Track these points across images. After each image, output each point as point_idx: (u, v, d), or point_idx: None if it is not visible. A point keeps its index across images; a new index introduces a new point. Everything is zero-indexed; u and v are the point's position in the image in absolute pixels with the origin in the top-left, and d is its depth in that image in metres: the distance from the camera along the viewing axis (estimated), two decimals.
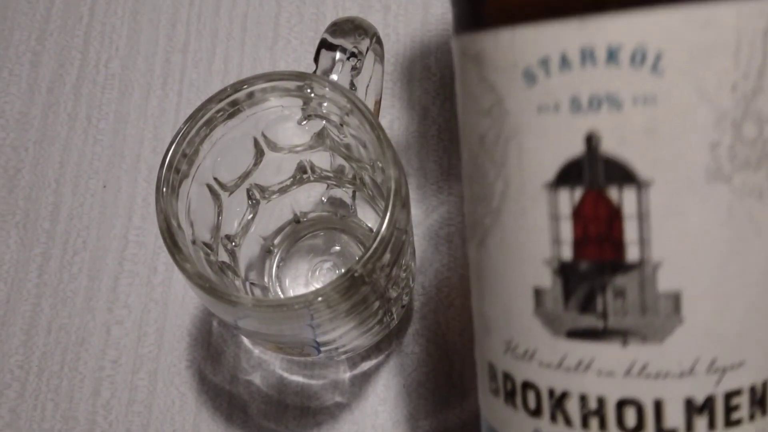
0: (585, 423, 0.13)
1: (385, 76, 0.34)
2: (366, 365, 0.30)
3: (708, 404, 0.13)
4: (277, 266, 0.30)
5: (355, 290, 0.20)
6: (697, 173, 0.12)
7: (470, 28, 0.13)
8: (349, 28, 0.23)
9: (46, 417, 0.30)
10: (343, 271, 0.19)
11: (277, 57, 0.35)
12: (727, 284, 0.12)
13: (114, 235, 0.32)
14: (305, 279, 0.30)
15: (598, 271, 0.12)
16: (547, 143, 0.12)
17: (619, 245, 0.12)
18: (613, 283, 0.12)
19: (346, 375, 0.30)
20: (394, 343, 0.30)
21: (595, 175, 0.12)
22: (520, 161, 0.13)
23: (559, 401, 0.13)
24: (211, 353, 0.30)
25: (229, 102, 0.21)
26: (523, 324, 0.14)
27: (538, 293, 0.13)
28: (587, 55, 0.11)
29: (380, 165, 0.21)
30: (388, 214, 0.20)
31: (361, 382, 0.30)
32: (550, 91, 0.12)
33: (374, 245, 0.19)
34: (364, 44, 0.23)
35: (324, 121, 0.23)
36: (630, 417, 0.13)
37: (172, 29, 0.35)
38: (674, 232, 0.12)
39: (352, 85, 0.23)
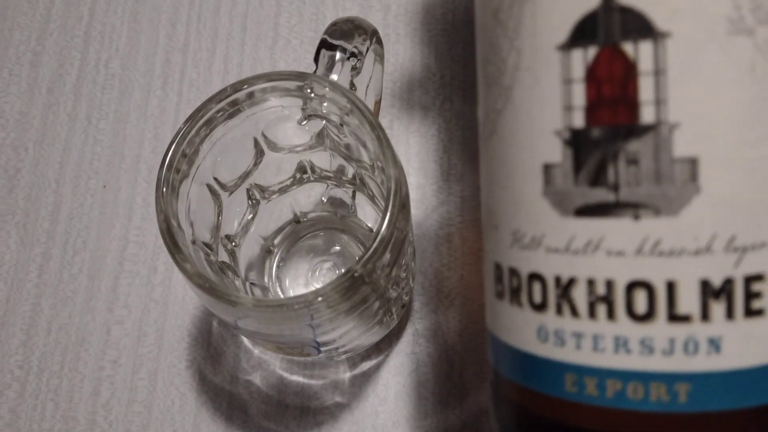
0: (592, 312, 0.12)
1: (385, 76, 0.34)
2: (366, 365, 0.30)
3: (726, 288, 0.11)
4: (277, 266, 0.30)
5: (355, 290, 0.20)
6: (718, 24, 0.11)
7: None
8: (349, 28, 0.23)
9: (46, 417, 0.30)
10: (343, 271, 0.19)
11: (277, 57, 0.35)
12: (750, 151, 0.11)
13: (114, 235, 0.32)
14: (305, 279, 0.30)
15: (611, 136, 0.11)
16: (561, 2, 0.11)
17: (633, 106, 0.11)
18: (627, 149, 0.11)
19: (346, 375, 0.30)
20: (394, 343, 0.30)
21: (610, 30, 0.11)
22: (533, 25, 0.12)
23: (565, 289, 0.12)
24: (211, 353, 0.30)
25: (229, 102, 0.21)
26: (530, 208, 0.13)
27: (548, 170, 0.12)
28: None
29: (380, 165, 0.21)
30: (388, 214, 0.20)
31: (361, 382, 0.30)
32: None
33: (374, 245, 0.19)
34: (364, 44, 0.23)
35: (324, 121, 0.23)
36: (640, 302, 0.12)
37: (172, 29, 0.35)
38: (693, 90, 0.11)
39: (352, 85, 0.23)
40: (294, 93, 0.22)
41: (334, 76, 0.23)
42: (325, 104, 0.22)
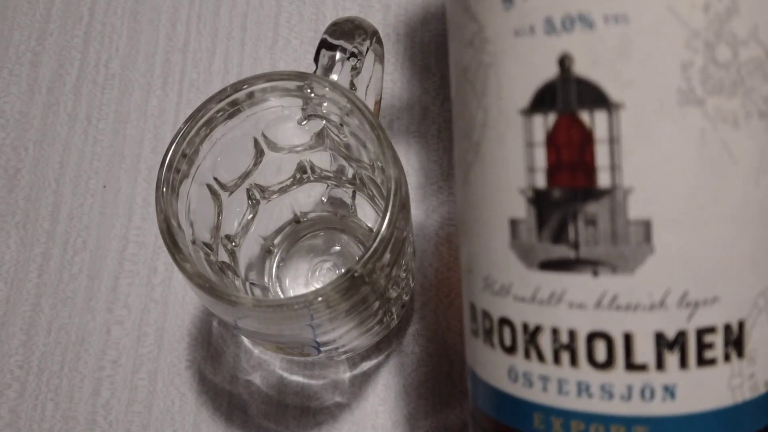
0: (557, 358, 0.13)
1: (385, 76, 0.34)
2: (366, 365, 0.30)
3: (679, 340, 0.12)
4: (277, 266, 0.30)
5: (355, 290, 0.20)
6: (668, 95, 0.11)
7: None
8: (349, 28, 0.23)
9: (46, 417, 0.30)
10: (343, 271, 0.19)
11: (277, 57, 0.35)
12: (699, 214, 0.12)
13: (114, 235, 0.32)
14: (305, 279, 0.30)
15: (570, 198, 0.12)
16: (523, 67, 0.12)
17: (590, 171, 0.12)
18: (585, 210, 0.12)
19: (346, 375, 0.30)
20: (394, 343, 0.30)
21: (567, 99, 0.12)
22: (498, 88, 0.13)
23: (532, 336, 0.13)
24: (211, 353, 0.30)
25: (229, 102, 0.21)
26: (499, 258, 0.14)
27: (514, 224, 0.13)
28: None
29: (380, 165, 0.21)
30: (388, 214, 0.20)
31: (361, 382, 0.30)
32: (525, 14, 0.12)
33: (374, 245, 0.19)
34: (364, 44, 0.23)
35: (324, 121, 0.23)
36: (600, 351, 0.12)
37: (172, 29, 0.35)
38: (645, 156, 0.12)
39: (352, 85, 0.23)
40: (294, 93, 0.22)
41: (334, 76, 0.23)
42: (325, 104, 0.22)
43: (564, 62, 0.12)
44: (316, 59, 0.23)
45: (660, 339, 0.12)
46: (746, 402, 0.12)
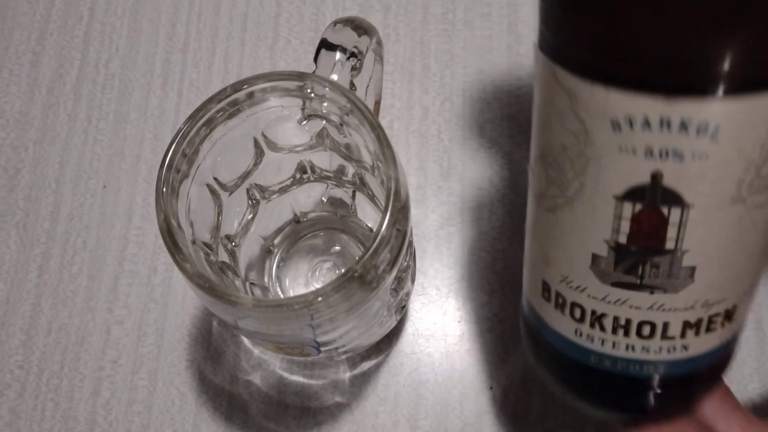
0: (614, 331, 0.19)
1: (385, 76, 0.34)
2: (366, 365, 0.30)
3: (697, 323, 0.19)
4: (277, 266, 0.30)
5: (355, 290, 0.20)
6: (724, 199, 0.16)
7: (566, 68, 0.16)
8: (348, 28, 0.23)
9: (46, 417, 0.30)
10: (343, 271, 0.19)
11: (277, 57, 0.35)
12: (726, 261, 0.18)
13: (114, 235, 0.32)
14: (305, 279, 0.30)
15: (643, 252, 0.17)
16: (622, 172, 0.16)
17: (662, 239, 0.17)
18: (652, 260, 0.17)
19: (346, 375, 0.30)
20: (394, 343, 0.30)
21: (654, 198, 0.16)
22: (597, 176, 0.17)
23: (598, 318, 0.19)
24: (211, 353, 0.30)
25: (229, 102, 0.21)
26: (579, 272, 0.19)
27: (595, 257, 0.18)
28: (664, 122, 0.15)
29: (380, 165, 0.21)
30: (388, 214, 0.20)
31: (361, 382, 0.30)
32: (630, 139, 0.16)
33: (374, 245, 0.19)
34: (364, 44, 0.23)
35: (324, 121, 0.23)
36: (646, 330, 0.19)
37: (172, 29, 0.35)
38: (700, 233, 0.17)
39: (352, 85, 0.23)
40: (294, 93, 0.22)
41: (334, 76, 0.23)
42: (325, 104, 0.22)
43: (656, 177, 0.16)
44: (316, 59, 0.23)
45: (686, 323, 0.18)
46: (724, 343, 0.19)
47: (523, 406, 0.29)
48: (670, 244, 0.17)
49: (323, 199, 0.29)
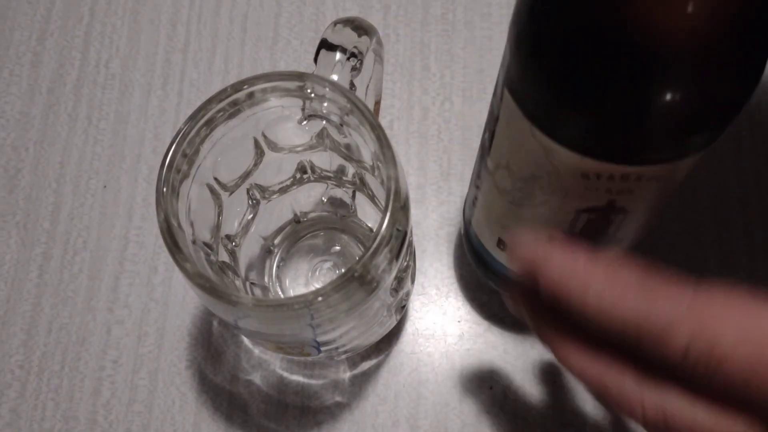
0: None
1: (385, 76, 0.34)
2: (366, 365, 0.30)
3: None
4: (277, 266, 0.30)
5: (355, 290, 0.20)
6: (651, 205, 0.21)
7: (546, 133, 0.18)
8: (348, 28, 0.23)
9: (46, 416, 0.30)
10: (343, 271, 0.19)
11: (277, 57, 0.35)
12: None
13: (114, 235, 0.32)
14: (305, 279, 0.30)
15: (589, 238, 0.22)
16: (585, 199, 0.20)
17: (606, 232, 0.21)
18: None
19: (346, 375, 0.30)
20: (394, 342, 0.30)
21: (606, 211, 0.20)
22: (563, 199, 0.20)
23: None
24: (211, 353, 0.30)
25: (230, 102, 0.21)
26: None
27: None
28: (624, 176, 0.19)
29: (380, 165, 0.21)
30: (388, 214, 0.20)
31: (361, 381, 0.30)
32: (595, 183, 0.19)
33: (374, 245, 0.19)
34: (364, 44, 0.23)
35: (324, 121, 0.23)
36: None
37: (172, 29, 0.35)
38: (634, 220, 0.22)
39: (352, 85, 0.23)
40: (294, 93, 0.22)
41: (334, 76, 0.23)
42: (325, 104, 0.22)
43: (611, 202, 0.20)
44: (316, 59, 0.23)
45: None
46: None
47: (523, 406, 0.29)
48: (612, 230, 0.22)
49: (323, 199, 0.29)
